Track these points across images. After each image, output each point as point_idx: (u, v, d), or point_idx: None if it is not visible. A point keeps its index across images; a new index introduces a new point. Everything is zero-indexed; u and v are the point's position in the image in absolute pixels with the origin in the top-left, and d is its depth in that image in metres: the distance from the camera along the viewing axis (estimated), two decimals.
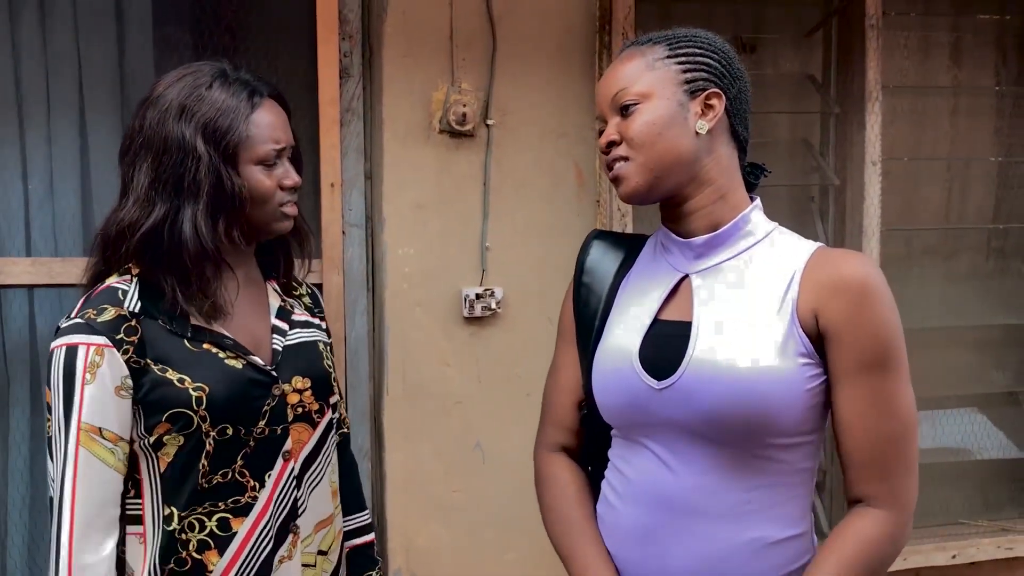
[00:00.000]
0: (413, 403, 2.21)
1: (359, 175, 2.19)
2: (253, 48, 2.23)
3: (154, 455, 1.33)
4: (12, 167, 2.14)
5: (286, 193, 1.40)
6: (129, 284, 1.34)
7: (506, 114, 2.22)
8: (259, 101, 1.36)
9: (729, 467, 1.23)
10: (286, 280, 1.54)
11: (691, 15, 2.50)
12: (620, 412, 1.32)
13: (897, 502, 1.21)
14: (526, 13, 2.22)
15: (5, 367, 2.16)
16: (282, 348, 1.43)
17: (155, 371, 1.30)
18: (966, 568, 2.62)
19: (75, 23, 2.15)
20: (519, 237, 2.25)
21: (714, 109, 1.27)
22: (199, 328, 1.35)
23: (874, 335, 1.20)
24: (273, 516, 1.38)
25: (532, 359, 2.26)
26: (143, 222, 1.31)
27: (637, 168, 1.27)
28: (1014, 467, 2.83)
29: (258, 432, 1.36)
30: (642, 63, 1.29)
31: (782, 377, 1.20)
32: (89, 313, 1.29)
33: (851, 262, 1.23)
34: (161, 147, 1.31)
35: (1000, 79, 2.78)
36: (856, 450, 1.22)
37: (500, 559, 2.28)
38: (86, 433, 1.27)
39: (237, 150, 1.33)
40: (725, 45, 1.32)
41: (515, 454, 2.27)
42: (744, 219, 1.30)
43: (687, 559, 1.25)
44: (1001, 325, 2.77)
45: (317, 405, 1.45)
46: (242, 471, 1.36)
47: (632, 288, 1.38)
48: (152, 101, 1.34)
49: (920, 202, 2.74)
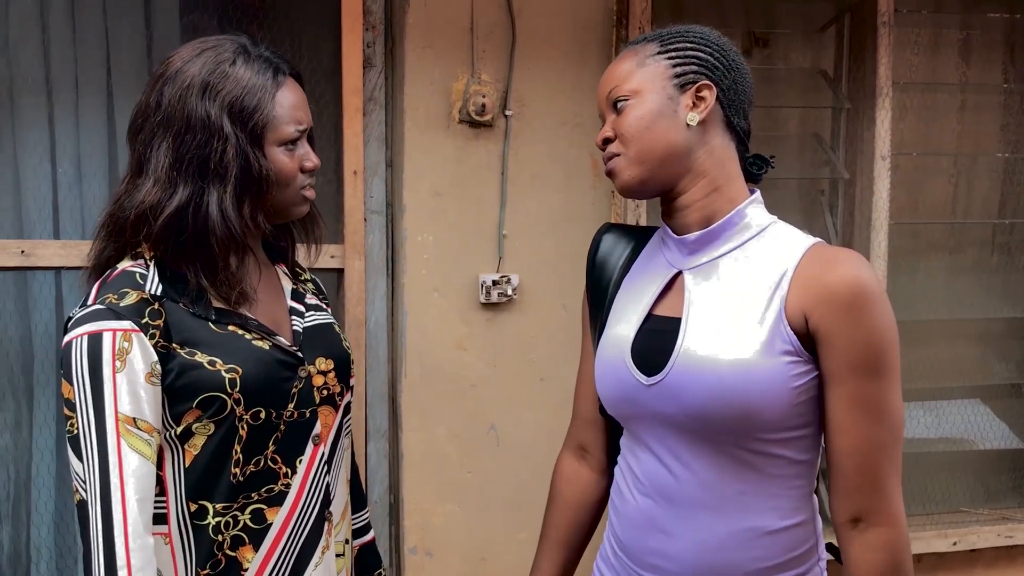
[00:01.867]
0: (430, 386, 2.27)
1: (380, 163, 2.24)
2: (277, 37, 2.27)
3: (179, 447, 1.24)
4: (41, 151, 2.18)
5: (306, 176, 1.34)
6: (145, 268, 1.25)
7: (524, 105, 2.27)
8: (282, 80, 1.30)
9: (722, 460, 1.25)
10: (291, 265, 1.49)
11: (704, 10, 2.54)
12: (615, 406, 1.35)
13: (892, 517, 1.21)
14: (545, 6, 2.26)
15: (32, 348, 2.21)
16: (302, 330, 1.38)
17: (183, 355, 1.22)
18: (966, 555, 2.67)
19: (104, 9, 2.20)
20: (535, 225, 2.30)
21: (705, 101, 1.27)
22: (222, 310, 1.28)
23: (865, 341, 1.18)
24: (307, 504, 1.32)
25: (546, 345, 2.32)
26: (166, 205, 1.22)
27: (628, 162, 1.29)
28: (1015, 457, 2.88)
29: (288, 416, 1.30)
30: (634, 61, 1.30)
31: (765, 375, 1.19)
32: (110, 297, 1.20)
33: (844, 265, 1.21)
34: (183, 126, 1.23)
35: (1008, 76, 2.82)
36: (847, 456, 1.21)
37: (513, 538, 2.33)
38: (123, 425, 1.17)
39: (264, 131, 1.26)
40: (720, 39, 1.32)
41: (528, 437, 2.33)
42: (739, 214, 1.29)
43: (684, 546, 1.28)
44: (1005, 318, 2.81)
45: (339, 387, 1.40)
46: (274, 457, 1.29)
47: (632, 283, 1.40)
48: (170, 76, 1.25)
49: (926, 196, 2.78)
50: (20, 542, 2.23)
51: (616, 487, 1.41)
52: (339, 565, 1.40)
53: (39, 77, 2.17)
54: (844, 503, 1.23)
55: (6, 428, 2.20)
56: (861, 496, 1.21)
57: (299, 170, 1.32)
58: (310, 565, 1.33)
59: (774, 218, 1.33)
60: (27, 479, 2.23)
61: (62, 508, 2.25)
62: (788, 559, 1.27)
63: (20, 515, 2.23)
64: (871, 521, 1.21)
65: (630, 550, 1.35)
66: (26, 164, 2.17)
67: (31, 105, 2.17)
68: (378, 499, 2.29)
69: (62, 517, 2.25)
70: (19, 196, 2.18)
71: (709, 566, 1.27)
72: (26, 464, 2.22)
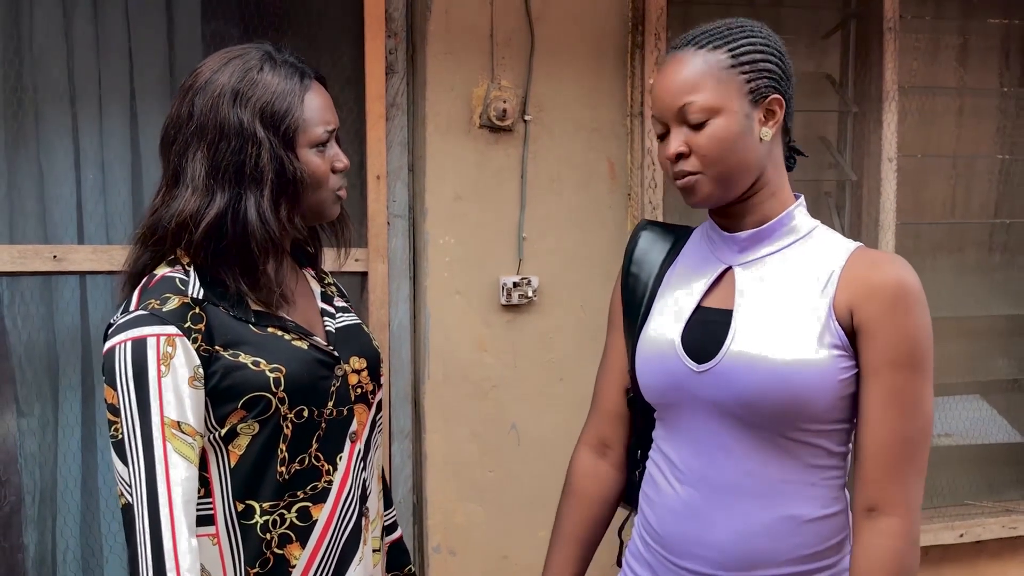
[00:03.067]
0: (452, 386, 2.30)
1: (403, 167, 2.28)
2: (298, 44, 2.30)
3: (223, 448, 1.26)
4: (65, 157, 2.20)
5: (338, 177, 1.36)
6: (185, 274, 1.27)
7: (542, 110, 2.31)
8: (308, 83, 1.32)
9: (764, 449, 1.28)
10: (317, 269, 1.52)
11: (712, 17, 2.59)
12: (662, 393, 1.38)
13: (905, 510, 1.25)
14: (563, 14, 2.31)
15: (57, 352, 2.23)
16: (335, 330, 1.41)
17: (227, 357, 1.24)
18: (972, 546, 2.74)
19: (127, 17, 2.22)
20: (554, 228, 2.34)
21: (775, 115, 1.30)
22: (260, 313, 1.30)
23: (905, 336, 1.23)
24: (348, 500, 1.35)
25: (566, 345, 2.36)
26: (206, 212, 1.24)
27: (708, 181, 1.30)
28: (1017, 451, 2.95)
29: (328, 414, 1.32)
30: (705, 71, 1.28)
31: (815, 368, 1.24)
32: (152, 303, 1.22)
33: (890, 266, 1.27)
34: (217, 134, 1.25)
35: (1004, 81, 2.90)
36: (873, 447, 1.25)
37: (533, 536, 2.37)
38: (168, 429, 1.18)
39: (295, 134, 1.28)
40: (778, 41, 1.34)
41: (549, 436, 2.37)
42: (788, 215, 1.34)
43: (724, 534, 1.30)
44: (1005, 316, 2.89)
45: (372, 385, 1.42)
46: (317, 455, 1.31)
47: (677, 277, 1.43)
48: (200, 87, 1.28)
49: (927, 197, 2.85)
50: (46, 545, 2.25)
51: (650, 479, 1.43)
52: (375, 560, 1.43)
53: (63, 85, 2.19)
54: (864, 492, 1.27)
55: (32, 432, 2.22)
56: (880, 486, 1.25)
57: (331, 171, 1.34)
58: (354, 560, 1.35)
59: (817, 223, 1.37)
60: (52, 482, 2.24)
61: (87, 511, 2.27)
62: (825, 548, 1.30)
63: (45, 518, 2.25)
64: (885, 510, 1.25)
65: (668, 541, 1.37)
66: (51, 171, 2.20)
67: (56, 112, 2.19)
68: (402, 499, 2.32)
69: (87, 520, 2.27)
70: (45, 202, 2.20)
71: (749, 554, 1.29)
72: (51, 467, 2.24)
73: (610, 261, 2.35)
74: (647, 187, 2.34)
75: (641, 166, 2.34)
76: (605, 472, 1.53)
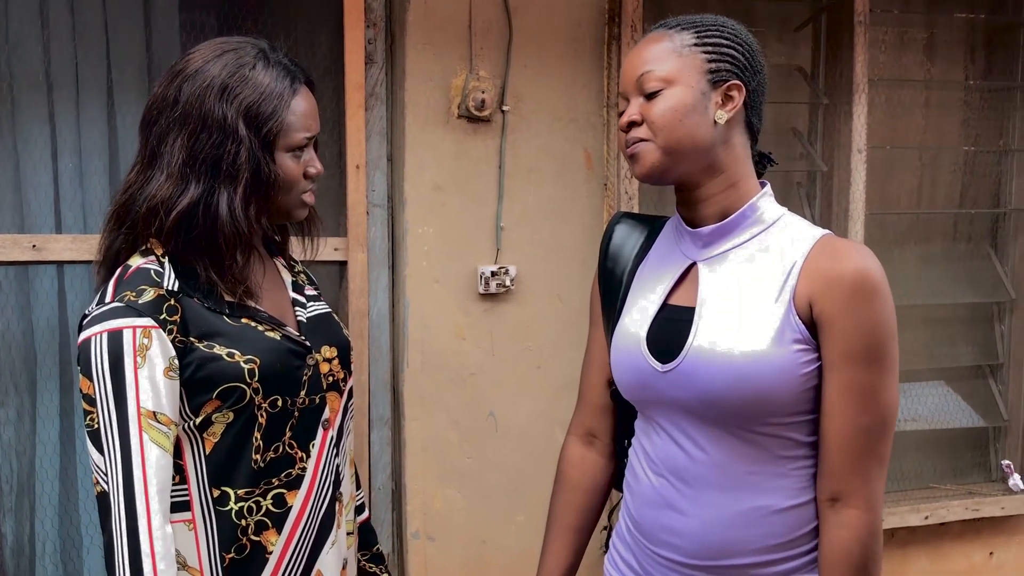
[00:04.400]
0: (430, 374, 2.33)
1: (382, 157, 2.29)
2: (275, 33, 2.31)
3: (199, 436, 1.29)
4: (42, 146, 2.19)
5: (308, 181, 1.37)
6: (159, 265, 1.28)
7: (520, 101, 2.34)
8: (298, 87, 1.33)
9: (731, 442, 1.30)
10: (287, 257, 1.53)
11: (686, 8, 2.62)
12: (631, 391, 1.41)
13: (867, 502, 1.26)
14: (541, 5, 2.33)
15: (34, 342, 2.22)
16: (306, 319, 1.43)
17: (202, 348, 1.26)
18: (936, 528, 2.82)
19: (104, 5, 2.21)
20: (532, 218, 2.37)
21: (733, 100, 1.31)
22: (234, 304, 1.32)
23: (864, 330, 1.23)
24: (321, 485, 1.37)
25: (543, 334, 2.40)
26: (178, 201, 1.25)
27: (654, 149, 1.31)
28: (979, 436, 3.03)
29: (301, 402, 1.35)
30: (669, 47, 1.31)
31: (776, 363, 1.25)
32: (128, 295, 1.23)
33: (852, 256, 1.26)
34: (199, 125, 1.26)
35: (969, 74, 2.97)
36: (832, 438, 1.26)
37: (511, 521, 2.41)
38: (145, 419, 1.21)
39: (276, 137, 1.30)
40: (750, 37, 1.36)
41: (526, 423, 2.40)
42: (752, 207, 1.34)
43: (694, 524, 1.33)
44: (968, 304, 2.96)
45: (343, 373, 1.45)
46: (291, 443, 1.34)
47: (647, 273, 1.45)
48: (190, 74, 1.28)
49: (894, 188, 2.92)
50: (23, 535, 2.24)
51: (631, 468, 1.47)
52: (349, 542, 1.47)
53: (39, 73, 2.18)
54: (826, 482, 1.29)
55: (9, 422, 2.21)
56: (841, 477, 1.27)
57: (303, 176, 1.35)
58: (327, 544, 1.39)
59: (784, 210, 1.37)
60: (30, 472, 2.24)
61: (65, 501, 2.27)
62: (795, 537, 1.32)
63: (23, 508, 2.24)
64: (847, 502, 1.27)
65: (643, 528, 1.41)
66: (28, 159, 2.18)
67: (32, 101, 2.18)
68: (381, 486, 2.35)
69: (65, 510, 2.27)
70: (21, 191, 2.18)
71: (719, 543, 1.32)
72: (29, 457, 2.23)
73: (587, 251, 2.39)
74: (623, 178, 2.37)
75: (618, 157, 2.37)
76: (594, 461, 1.56)
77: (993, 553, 2.93)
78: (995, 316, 3.00)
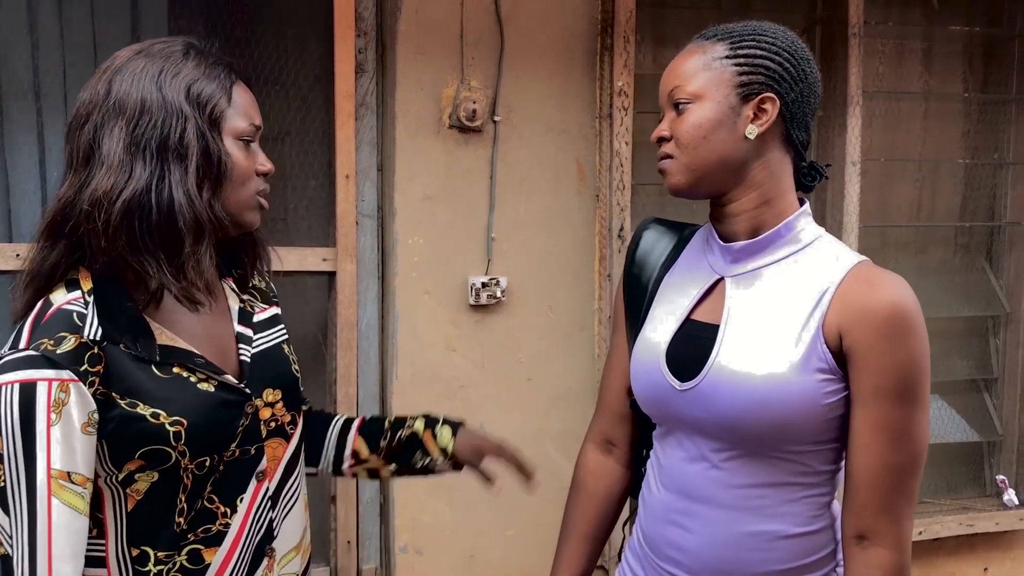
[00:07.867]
0: (420, 386, 2.31)
1: (372, 167, 2.28)
2: (265, 42, 2.30)
3: (122, 492, 1.18)
4: (29, 154, 2.18)
5: (261, 179, 1.26)
6: (83, 305, 1.15)
7: (512, 111, 2.32)
8: (235, 79, 1.23)
9: (747, 465, 1.26)
10: (240, 273, 1.38)
11: (683, 20, 2.62)
12: (648, 406, 1.38)
13: (896, 541, 1.22)
14: (533, 15, 2.32)
15: None
16: (250, 358, 1.29)
17: (123, 406, 1.14)
18: (930, 544, 2.80)
19: (92, 14, 2.20)
20: (523, 229, 2.35)
21: (767, 114, 1.24)
22: (166, 348, 1.19)
23: (897, 366, 1.18)
24: (247, 541, 1.26)
25: (534, 345, 2.38)
26: (123, 189, 1.11)
27: (679, 167, 1.28)
28: (974, 450, 3.01)
29: (228, 456, 1.23)
30: (700, 61, 1.27)
31: (798, 390, 1.20)
32: (46, 344, 1.10)
33: (886, 287, 1.20)
34: (138, 108, 1.13)
35: (967, 86, 2.95)
36: (861, 475, 1.22)
37: (500, 535, 2.38)
38: (56, 481, 1.09)
39: (220, 119, 1.18)
40: (794, 45, 1.28)
41: (516, 436, 2.36)
42: (787, 226, 1.28)
43: (702, 542, 1.30)
44: (963, 317, 2.94)
45: (289, 416, 1.33)
46: (211, 497, 1.22)
47: (673, 284, 1.40)
48: (118, 68, 1.16)
49: (893, 200, 2.90)
50: None
51: (646, 480, 1.44)
52: None
53: (27, 81, 2.17)
54: (852, 519, 1.24)
55: None
56: (869, 515, 1.22)
57: (255, 172, 1.25)
58: None
59: (822, 231, 1.31)
60: None
61: None
62: (802, 564, 1.29)
63: None
64: (875, 541, 1.22)
65: (651, 541, 1.39)
66: (15, 169, 2.17)
67: (20, 110, 2.17)
68: (369, 500, 2.33)
69: None
70: (8, 201, 2.17)
71: (722, 563, 1.30)
72: None
73: (578, 262, 2.37)
74: (615, 189, 2.35)
75: (610, 168, 2.35)
76: (611, 469, 1.53)
77: (988, 569, 2.91)
78: (990, 330, 2.98)
